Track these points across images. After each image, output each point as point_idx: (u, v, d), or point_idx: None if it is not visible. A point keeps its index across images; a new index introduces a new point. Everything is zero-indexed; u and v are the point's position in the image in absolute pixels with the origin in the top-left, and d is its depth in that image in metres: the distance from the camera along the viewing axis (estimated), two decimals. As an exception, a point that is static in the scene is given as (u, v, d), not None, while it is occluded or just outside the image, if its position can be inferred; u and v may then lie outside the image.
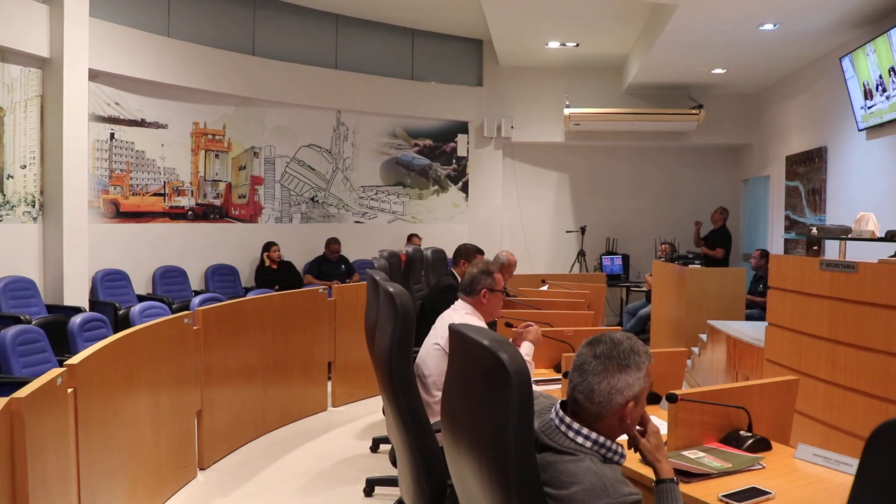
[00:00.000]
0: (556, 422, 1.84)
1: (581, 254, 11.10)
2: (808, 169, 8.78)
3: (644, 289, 10.19)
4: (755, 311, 7.77)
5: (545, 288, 7.05)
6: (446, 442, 1.93)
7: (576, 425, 1.82)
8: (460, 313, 3.54)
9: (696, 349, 7.31)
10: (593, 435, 1.81)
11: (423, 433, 2.37)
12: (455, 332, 1.89)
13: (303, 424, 6.09)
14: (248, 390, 5.58)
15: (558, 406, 1.88)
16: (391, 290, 2.35)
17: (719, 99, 10.73)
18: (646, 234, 11.11)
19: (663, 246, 9.81)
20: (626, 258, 11.19)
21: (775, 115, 10.15)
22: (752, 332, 5.83)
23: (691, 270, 7.86)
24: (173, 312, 6.15)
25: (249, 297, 6.59)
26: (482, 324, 3.49)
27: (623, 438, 1.92)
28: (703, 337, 7.04)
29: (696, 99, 10.40)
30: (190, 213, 8.77)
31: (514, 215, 11.42)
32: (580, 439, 1.80)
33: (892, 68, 6.45)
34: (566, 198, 11.58)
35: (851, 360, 4.12)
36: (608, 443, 1.82)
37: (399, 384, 2.33)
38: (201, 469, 4.91)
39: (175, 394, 4.56)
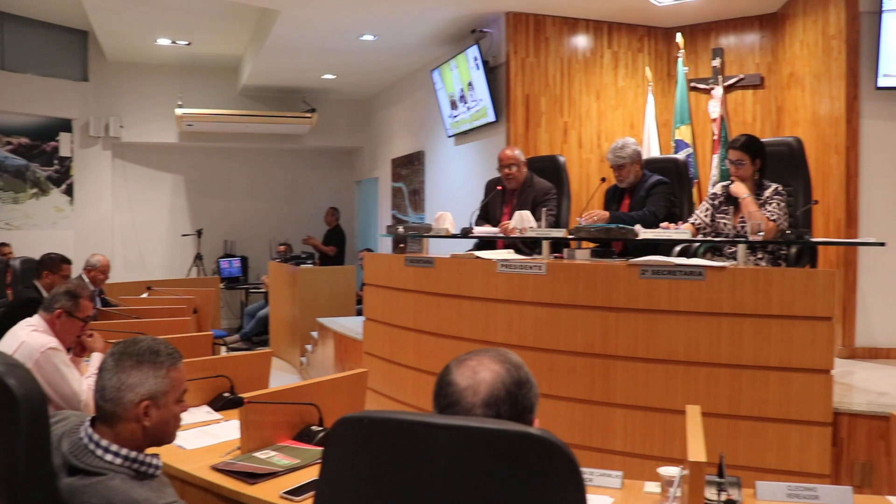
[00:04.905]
0: (86, 440, 1.75)
1: (198, 257, 10.82)
2: (410, 171, 9.48)
3: (263, 290, 10.23)
4: (366, 306, 8.19)
5: (145, 295, 6.72)
6: None
7: (104, 442, 1.74)
8: (26, 330, 3.22)
9: (309, 347, 7.52)
10: (123, 451, 1.75)
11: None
12: None
13: None
14: None
15: (88, 423, 1.80)
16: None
17: (332, 103, 11.13)
18: (264, 235, 11.17)
19: (280, 247, 9.94)
20: (244, 260, 11.15)
21: (382, 121, 10.80)
22: (355, 327, 6.12)
23: (303, 270, 8.07)
24: None
25: None
26: (55, 342, 3.22)
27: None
28: (315, 334, 7.26)
29: (310, 103, 10.67)
30: None
31: (126, 219, 10.80)
32: (109, 457, 1.73)
33: (470, 83, 7.20)
34: (182, 200, 11.22)
35: (433, 347, 4.52)
36: (140, 456, 1.77)
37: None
38: None
39: None
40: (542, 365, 3.89)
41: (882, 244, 3.60)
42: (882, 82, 4.99)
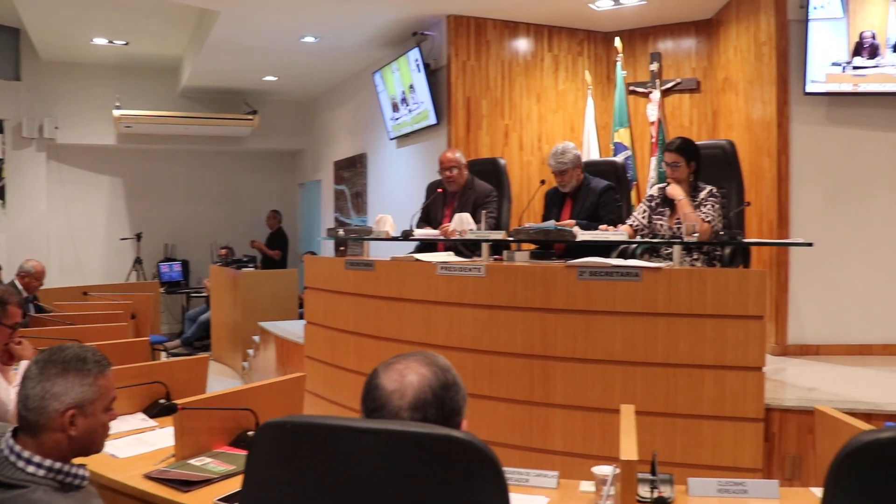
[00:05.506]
0: (6, 452, 1.69)
1: (138, 261, 10.61)
2: (352, 174, 9.44)
3: (204, 294, 10.08)
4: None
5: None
6: None
7: (26, 453, 1.68)
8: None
9: (251, 351, 7.43)
10: (46, 462, 1.69)
11: None
12: None
13: None
14: None
15: (9, 434, 1.73)
16: None
17: (274, 105, 11.01)
18: (205, 238, 11.00)
19: (222, 250, 9.81)
20: (185, 264, 10.97)
21: (325, 123, 10.74)
22: (297, 330, 6.07)
23: (245, 274, 7.98)
24: None
25: None
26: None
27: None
28: (257, 339, 7.18)
29: (252, 104, 10.54)
30: None
31: (63, 223, 10.52)
32: (31, 468, 1.67)
33: (412, 85, 7.21)
34: (120, 203, 10.98)
35: (373, 351, 4.50)
36: (64, 467, 1.72)
37: None
38: None
39: None
40: (482, 366, 3.91)
41: (810, 244, 3.71)
42: (810, 88, 5.13)
